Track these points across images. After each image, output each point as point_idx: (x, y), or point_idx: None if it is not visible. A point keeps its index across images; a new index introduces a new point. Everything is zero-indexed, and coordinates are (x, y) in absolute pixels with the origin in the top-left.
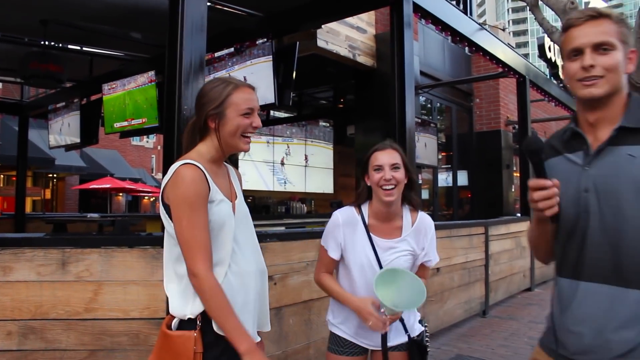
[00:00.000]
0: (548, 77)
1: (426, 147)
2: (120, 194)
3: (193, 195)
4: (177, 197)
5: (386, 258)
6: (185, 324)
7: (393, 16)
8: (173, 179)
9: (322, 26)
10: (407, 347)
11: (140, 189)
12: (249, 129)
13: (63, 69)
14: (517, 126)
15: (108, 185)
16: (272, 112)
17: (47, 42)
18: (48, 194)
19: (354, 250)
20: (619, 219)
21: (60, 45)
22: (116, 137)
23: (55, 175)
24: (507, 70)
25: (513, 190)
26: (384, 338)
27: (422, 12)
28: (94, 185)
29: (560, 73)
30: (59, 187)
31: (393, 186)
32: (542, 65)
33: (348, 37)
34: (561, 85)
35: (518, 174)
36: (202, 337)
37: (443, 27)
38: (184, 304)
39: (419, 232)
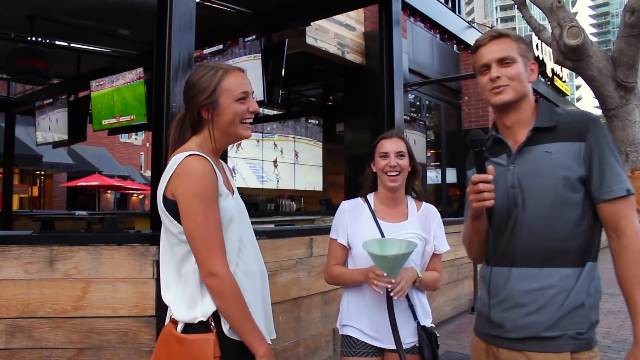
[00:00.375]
0: None
1: (415, 144)
2: (109, 192)
3: (207, 188)
4: (189, 191)
5: None
6: (194, 328)
7: (382, 14)
8: (180, 171)
9: (311, 24)
10: (417, 347)
11: (129, 186)
12: (247, 115)
13: (50, 65)
14: None
15: (96, 183)
16: (261, 110)
17: (34, 38)
18: (35, 191)
19: (360, 234)
20: (542, 209)
21: (48, 41)
22: (104, 135)
23: (42, 173)
24: None
25: None
26: (397, 335)
27: (410, 10)
28: (82, 182)
29: (547, 71)
30: (46, 185)
31: (397, 173)
32: None
33: (337, 34)
34: (548, 83)
35: None
36: (219, 340)
37: (431, 25)
38: (192, 307)
39: (425, 218)
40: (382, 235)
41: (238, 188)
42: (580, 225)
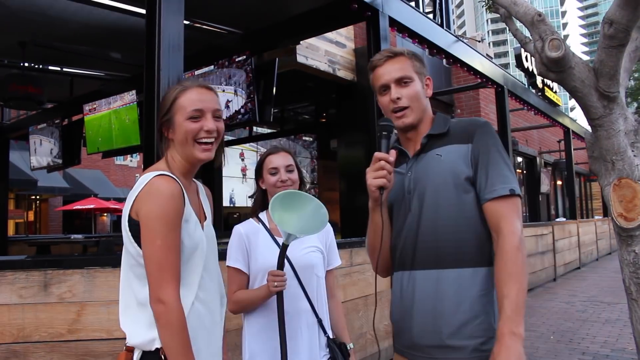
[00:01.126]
0: (526, 86)
1: None
2: (105, 214)
3: (172, 211)
4: (152, 213)
5: (296, 255)
6: (151, 356)
7: (369, 31)
8: (146, 191)
9: (301, 42)
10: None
11: None
12: (201, 134)
13: (42, 90)
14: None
15: (92, 206)
16: (255, 128)
17: (26, 64)
18: (31, 216)
19: (262, 255)
20: (435, 210)
21: (40, 66)
22: (99, 157)
23: (38, 197)
24: (485, 80)
25: None
26: (284, 344)
27: (398, 27)
28: (77, 206)
29: (537, 82)
30: (42, 209)
31: (289, 186)
32: (521, 75)
33: (327, 52)
34: (539, 94)
35: None
36: None
37: (420, 40)
38: (151, 332)
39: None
40: (284, 254)
41: (227, 207)
42: (475, 226)
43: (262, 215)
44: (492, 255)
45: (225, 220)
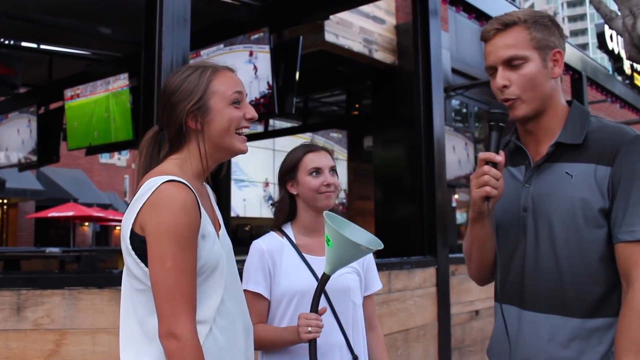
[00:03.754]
0: (610, 72)
1: (460, 163)
2: (86, 224)
3: (184, 226)
4: (161, 227)
5: None
6: None
7: (416, 3)
8: (153, 201)
9: (331, 17)
10: None
11: (111, 217)
12: (243, 123)
13: (16, 71)
14: None
15: (71, 213)
16: (272, 122)
17: None
18: None
19: (286, 277)
20: (554, 242)
21: (13, 42)
22: (81, 154)
23: (5, 201)
24: None
25: None
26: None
27: None
28: (53, 213)
29: (625, 67)
30: (10, 216)
31: (332, 192)
32: (604, 58)
33: (362, 29)
34: (627, 82)
35: None
36: None
37: (477, 15)
38: None
39: None
40: (313, 274)
41: (245, 218)
42: (607, 268)
43: (287, 228)
44: None
45: (234, 233)
